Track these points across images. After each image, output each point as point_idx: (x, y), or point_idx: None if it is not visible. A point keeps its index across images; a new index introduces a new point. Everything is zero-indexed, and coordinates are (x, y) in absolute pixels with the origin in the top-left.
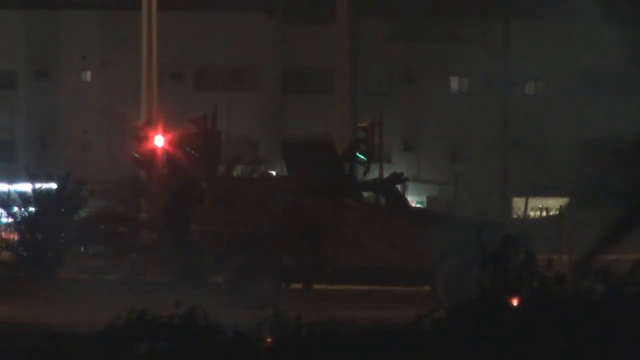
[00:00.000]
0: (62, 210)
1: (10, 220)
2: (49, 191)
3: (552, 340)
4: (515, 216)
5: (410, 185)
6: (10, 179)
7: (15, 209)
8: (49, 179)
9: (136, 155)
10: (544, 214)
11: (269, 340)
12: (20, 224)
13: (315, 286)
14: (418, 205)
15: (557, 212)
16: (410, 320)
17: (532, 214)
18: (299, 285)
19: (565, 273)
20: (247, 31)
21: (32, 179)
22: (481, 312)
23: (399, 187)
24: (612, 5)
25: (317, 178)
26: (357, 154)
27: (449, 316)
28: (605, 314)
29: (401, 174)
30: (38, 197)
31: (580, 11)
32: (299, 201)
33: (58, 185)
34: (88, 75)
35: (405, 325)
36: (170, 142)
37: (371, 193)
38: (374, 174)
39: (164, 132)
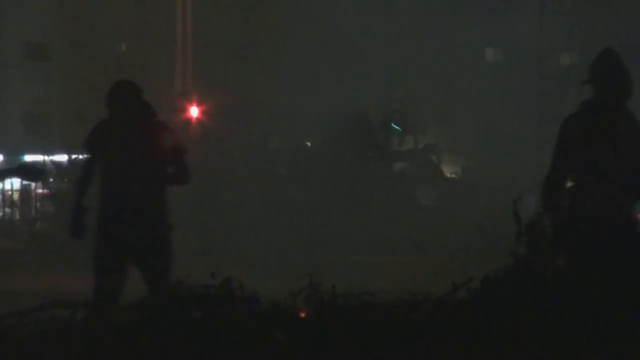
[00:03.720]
0: None
1: (46, 191)
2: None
3: (589, 310)
4: None
5: (445, 156)
6: (47, 151)
7: (51, 180)
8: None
9: (172, 125)
10: None
11: (304, 310)
12: (56, 195)
13: (352, 257)
14: (453, 176)
15: None
16: (445, 290)
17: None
18: (335, 256)
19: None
20: None
21: (69, 150)
22: (516, 282)
23: (434, 157)
24: None
25: (353, 149)
26: (392, 124)
27: (484, 286)
28: None
29: (436, 144)
30: (74, 168)
31: None
32: (335, 172)
33: None
34: (123, 46)
35: (441, 295)
36: (206, 113)
37: (406, 163)
38: (408, 144)
39: (199, 103)
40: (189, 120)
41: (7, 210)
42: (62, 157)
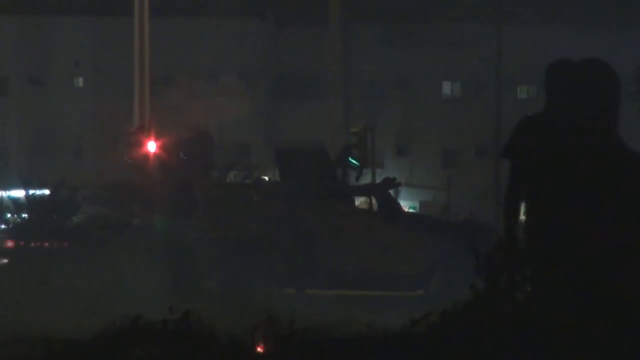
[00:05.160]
0: (55, 216)
1: (4, 226)
2: (42, 197)
3: (546, 344)
4: None
5: (403, 190)
6: (3, 186)
7: (9, 215)
8: (42, 185)
9: (129, 160)
10: None
11: (262, 345)
12: (13, 230)
13: (309, 291)
14: (411, 210)
15: None
16: (404, 324)
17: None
18: (292, 291)
19: None
20: (239, 36)
21: (25, 185)
22: (475, 316)
23: (391, 192)
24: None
25: (310, 183)
26: (350, 159)
27: (443, 320)
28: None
29: (394, 178)
30: (31, 203)
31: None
32: (293, 207)
33: (51, 192)
34: (80, 82)
35: (400, 330)
36: (163, 148)
37: (364, 198)
38: (366, 179)
39: (157, 138)
40: (146, 155)
41: None
42: (19, 192)
